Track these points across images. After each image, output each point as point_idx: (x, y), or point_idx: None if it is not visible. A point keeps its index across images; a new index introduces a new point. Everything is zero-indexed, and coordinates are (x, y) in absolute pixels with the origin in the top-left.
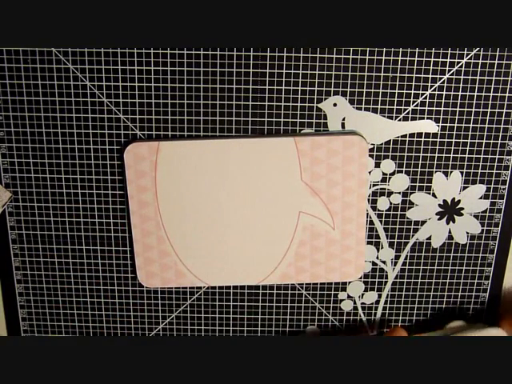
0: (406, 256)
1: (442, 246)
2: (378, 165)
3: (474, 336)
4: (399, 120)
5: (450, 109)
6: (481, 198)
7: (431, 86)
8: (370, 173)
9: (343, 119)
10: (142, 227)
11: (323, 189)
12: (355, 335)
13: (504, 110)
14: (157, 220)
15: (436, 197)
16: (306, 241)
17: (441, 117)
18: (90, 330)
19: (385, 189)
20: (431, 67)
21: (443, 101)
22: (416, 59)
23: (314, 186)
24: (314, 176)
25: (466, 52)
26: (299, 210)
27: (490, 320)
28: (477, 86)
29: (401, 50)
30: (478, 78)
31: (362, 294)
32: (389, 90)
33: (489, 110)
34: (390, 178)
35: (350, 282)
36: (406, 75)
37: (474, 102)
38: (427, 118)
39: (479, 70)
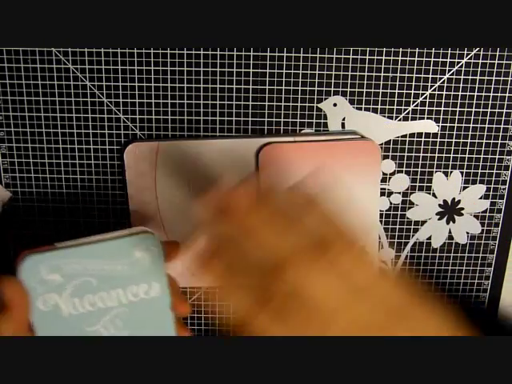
0: (406, 256)
1: (442, 246)
2: None
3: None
4: (399, 120)
5: (450, 109)
6: (481, 198)
7: (431, 86)
8: None
9: (343, 119)
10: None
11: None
12: None
13: (504, 110)
14: (157, 220)
15: (436, 197)
16: None
17: (441, 117)
18: None
19: (385, 189)
20: (431, 67)
21: (443, 101)
22: (416, 59)
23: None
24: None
25: (466, 52)
26: None
27: (489, 320)
28: (477, 86)
29: (401, 50)
30: (478, 77)
31: None
32: (389, 90)
33: (489, 110)
34: (390, 178)
35: None
36: (406, 75)
37: (474, 101)
38: (427, 118)
39: (479, 69)
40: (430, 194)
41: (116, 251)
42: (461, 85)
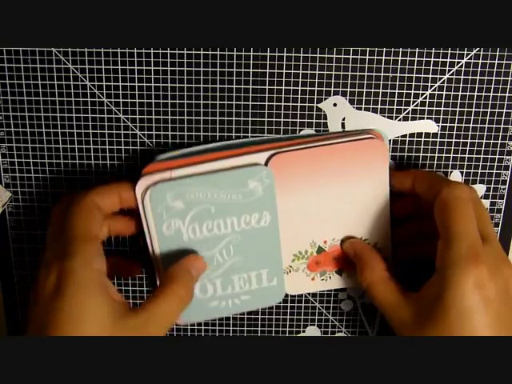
0: None
1: None
2: None
3: None
4: (399, 120)
5: (450, 109)
6: (481, 198)
7: (431, 86)
8: None
9: (343, 119)
10: None
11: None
12: None
13: (504, 110)
14: None
15: None
16: None
17: (441, 117)
18: None
19: None
20: (431, 67)
21: (443, 101)
22: (416, 59)
23: None
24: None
25: (466, 52)
26: None
27: None
28: (477, 85)
29: (401, 50)
30: (478, 78)
31: (362, 294)
32: (389, 90)
33: (489, 110)
34: None
35: None
36: (406, 75)
37: (474, 101)
38: (427, 118)
39: (479, 69)
40: None
41: (233, 181)
42: (461, 85)
